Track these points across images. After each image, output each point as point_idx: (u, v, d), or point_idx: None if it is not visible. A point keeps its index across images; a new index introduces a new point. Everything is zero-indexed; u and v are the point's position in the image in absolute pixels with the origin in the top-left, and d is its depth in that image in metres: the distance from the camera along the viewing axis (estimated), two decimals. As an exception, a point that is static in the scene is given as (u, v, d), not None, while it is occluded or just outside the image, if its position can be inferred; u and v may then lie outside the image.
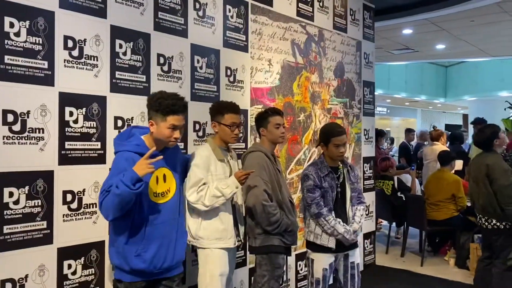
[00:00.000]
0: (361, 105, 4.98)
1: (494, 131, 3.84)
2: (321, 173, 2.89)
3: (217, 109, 2.73)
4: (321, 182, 2.87)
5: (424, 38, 8.52)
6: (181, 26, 3.11)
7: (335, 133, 2.89)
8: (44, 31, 2.41)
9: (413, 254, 5.72)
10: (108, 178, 2.12)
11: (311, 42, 4.27)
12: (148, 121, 2.26)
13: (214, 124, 2.72)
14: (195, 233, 2.63)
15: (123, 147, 2.22)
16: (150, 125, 2.24)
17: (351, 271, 2.98)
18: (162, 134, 2.22)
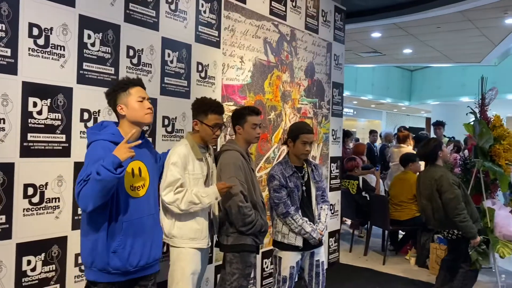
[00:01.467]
0: (330, 105, 5.04)
1: (438, 143, 3.95)
2: (286, 172, 2.94)
3: (201, 107, 2.67)
4: (287, 182, 2.91)
5: (392, 42, 8.72)
6: (152, 19, 3.05)
7: (304, 130, 2.94)
8: (8, 17, 2.31)
9: (375, 253, 5.86)
10: (84, 168, 2.03)
11: (283, 41, 4.29)
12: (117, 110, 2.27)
13: (196, 122, 2.67)
14: (169, 232, 2.59)
15: (98, 136, 2.14)
16: (119, 109, 2.25)
17: (316, 269, 3.03)
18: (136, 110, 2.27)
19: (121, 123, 2.25)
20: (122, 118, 2.24)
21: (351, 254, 5.81)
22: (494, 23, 6.99)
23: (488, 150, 4.47)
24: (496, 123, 4.56)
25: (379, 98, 17.28)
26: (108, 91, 2.28)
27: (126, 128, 2.21)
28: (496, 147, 4.43)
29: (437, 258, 4.97)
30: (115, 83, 2.28)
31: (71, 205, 2.62)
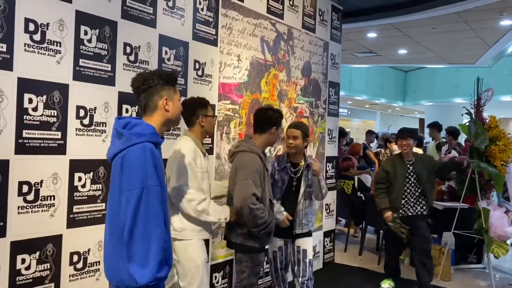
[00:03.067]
0: (326, 105, 5.04)
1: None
2: (278, 166, 3.23)
3: (199, 103, 2.74)
4: (274, 174, 3.19)
5: (387, 43, 8.74)
6: (150, 16, 3.02)
7: (291, 125, 3.25)
8: (4, 12, 2.27)
9: (370, 253, 5.87)
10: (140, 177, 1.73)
11: (280, 40, 4.27)
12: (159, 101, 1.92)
13: (201, 118, 2.70)
14: (178, 225, 2.62)
15: (143, 137, 1.80)
16: (163, 102, 1.92)
17: (297, 255, 3.22)
18: (178, 108, 2.00)
19: (152, 120, 1.91)
20: (156, 114, 1.92)
21: (346, 254, 5.81)
22: (489, 24, 7.02)
23: (483, 151, 4.48)
24: (491, 124, 4.58)
25: (374, 98, 17.34)
26: (155, 76, 1.93)
27: (157, 127, 1.91)
28: (492, 147, 4.45)
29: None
30: (165, 72, 1.98)
31: (66, 203, 2.59)
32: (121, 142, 1.79)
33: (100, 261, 2.78)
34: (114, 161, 1.82)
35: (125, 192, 1.72)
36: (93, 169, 2.71)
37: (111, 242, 1.81)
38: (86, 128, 2.66)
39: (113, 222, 1.80)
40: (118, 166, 1.78)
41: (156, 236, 1.72)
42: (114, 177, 1.83)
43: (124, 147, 1.77)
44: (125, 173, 1.74)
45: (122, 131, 1.80)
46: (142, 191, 1.70)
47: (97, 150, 2.72)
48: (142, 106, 1.93)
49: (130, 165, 1.74)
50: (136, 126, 1.82)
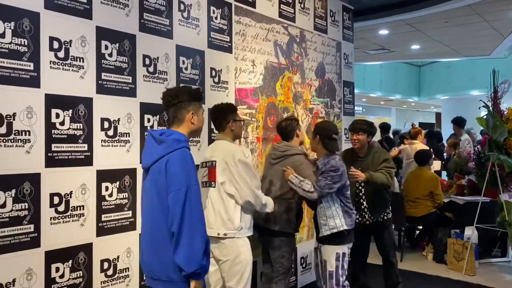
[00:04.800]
0: (342, 104, 5.07)
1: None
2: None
3: (229, 109, 2.98)
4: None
5: (400, 39, 8.72)
6: (166, 27, 3.11)
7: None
8: (30, 32, 2.38)
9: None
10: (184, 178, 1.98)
11: (293, 43, 4.33)
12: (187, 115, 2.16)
13: (231, 123, 2.93)
14: (238, 224, 2.82)
15: (185, 143, 2.10)
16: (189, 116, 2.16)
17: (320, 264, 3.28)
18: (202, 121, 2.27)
19: (181, 131, 2.16)
20: (183, 126, 2.16)
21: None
22: (502, 15, 6.96)
23: (502, 143, 4.46)
24: (510, 116, 4.56)
25: (388, 94, 17.20)
26: (184, 92, 2.18)
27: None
28: (511, 139, 4.42)
29: (454, 253, 4.97)
30: (193, 89, 2.24)
31: (95, 212, 2.68)
32: (163, 148, 2.04)
33: (129, 267, 2.86)
34: (155, 166, 2.04)
35: (172, 191, 1.96)
36: (119, 178, 2.80)
37: (156, 240, 2.04)
38: (111, 139, 2.76)
39: (157, 221, 2.02)
40: (161, 169, 2.00)
41: (200, 228, 1.98)
42: (153, 181, 2.05)
43: (166, 152, 2.02)
44: (170, 175, 1.98)
45: (164, 138, 2.06)
46: (187, 189, 1.95)
47: (122, 159, 2.82)
48: (170, 118, 2.19)
49: (175, 167, 1.99)
50: (172, 135, 2.09)
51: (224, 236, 2.80)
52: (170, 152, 2.01)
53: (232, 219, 2.81)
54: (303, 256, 4.43)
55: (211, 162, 2.86)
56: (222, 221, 2.81)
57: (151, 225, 2.07)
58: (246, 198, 2.82)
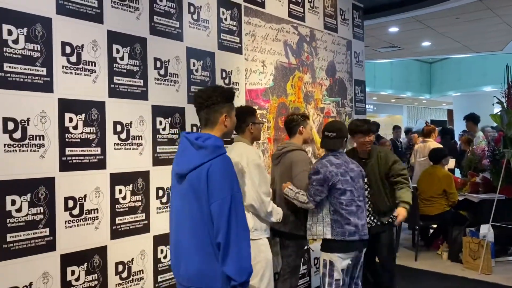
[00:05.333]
0: (353, 103, 5.04)
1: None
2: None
3: (248, 111, 2.99)
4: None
5: (410, 36, 8.64)
6: (177, 30, 3.12)
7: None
8: (42, 38, 2.40)
9: (406, 249, 5.81)
10: (228, 185, 1.92)
11: (303, 43, 4.31)
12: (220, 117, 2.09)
13: (251, 126, 2.94)
14: (252, 226, 2.80)
15: (223, 149, 2.03)
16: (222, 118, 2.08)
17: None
18: (234, 122, 2.22)
19: (212, 133, 2.08)
20: (216, 128, 2.09)
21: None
22: (514, 10, 6.86)
23: (517, 140, 4.40)
24: (525, 112, 4.49)
25: (399, 92, 17.08)
26: (217, 93, 2.08)
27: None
28: (526, 136, 4.35)
29: (470, 252, 4.91)
30: (226, 90, 2.14)
31: (109, 215, 2.70)
32: (203, 155, 1.95)
33: (143, 269, 2.88)
34: (194, 173, 1.95)
35: (216, 200, 1.89)
36: (132, 181, 2.82)
37: (195, 249, 1.96)
38: (124, 142, 2.77)
39: (197, 230, 1.95)
40: (201, 177, 1.92)
41: (246, 236, 1.93)
42: (192, 188, 1.95)
43: (207, 160, 1.94)
44: (213, 183, 1.90)
45: (203, 144, 1.96)
46: (231, 198, 1.89)
47: (135, 162, 2.83)
48: (203, 120, 2.10)
49: (217, 176, 1.91)
50: (209, 139, 2.00)
51: None
52: (211, 159, 1.94)
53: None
54: (316, 257, 4.41)
55: None
56: None
57: (190, 234, 1.98)
58: (250, 202, 2.80)
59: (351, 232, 2.87)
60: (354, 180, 2.95)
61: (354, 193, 2.92)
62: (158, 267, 2.96)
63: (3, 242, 2.23)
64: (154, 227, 2.93)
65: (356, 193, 2.93)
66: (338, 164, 2.95)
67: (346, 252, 2.91)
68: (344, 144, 3.10)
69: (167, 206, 3.00)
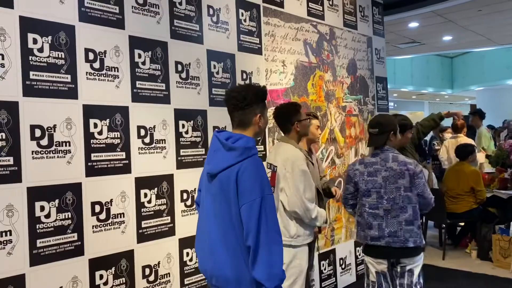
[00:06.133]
0: (375, 101, 4.97)
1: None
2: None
3: (292, 109, 2.89)
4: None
5: (431, 31, 8.48)
6: (197, 33, 3.12)
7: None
8: (66, 45, 2.43)
9: (433, 248, 5.69)
10: (258, 187, 1.86)
11: (323, 41, 4.27)
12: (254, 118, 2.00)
13: (296, 124, 2.85)
14: (295, 232, 2.76)
15: (254, 150, 1.97)
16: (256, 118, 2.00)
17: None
18: (267, 122, 2.13)
19: (245, 134, 2.01)
20: (249, 129, 2.02)
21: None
22: (539, -1, 6.66)
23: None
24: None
25: (420, 88, 16.82)
26: (251, 94, 2.00)
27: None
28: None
29: (500, 250, 4.78)
30: (259, 90, 2.06)
31: (135, 219, 2.71)
32: (234, 156, 1.90)
33: (170, 272, 2.89)
34: (224, 174, 1.91)
35: (246, 203, 1.83)
36: (157, 185, 2.83)
37: (224, 251, 1.91)
38: (148, 146, 2.79)
39: (226, 232, 1.90)
40: (231, 178, 1.87)
41: (277, 240, 1.85)
42: (222, 189, 1.91)
43: (237, 161, 1.89)
44: (243, 185, 1.85)
45: (233, 145, 1.92)
46: (262, 200, 1.83)
47: (159, 166, 2.84)
48: (236, 121, 2.03)
49: (247, 177, 1.86)
50: (240, 140, 1.94)
51: None
52: (241, 160, 1.89)
53: (288, 226, 2.75)
54: (342, 257, 4.36)
55: (273, 166, 2.82)
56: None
57: (218, 235, 1.94)
58: (294, 208, 2.72)
59: (374, 237, 2.69)
60: (386, 181, 2.68)
61: (383, 195, 2.68)
62: (185, 270, 2.97)
63: (34, 247, 2.27)
64: (179, 230, 2.93)
65: (386, 195, 2.67)
66: (369, 163, 2.76)
67: (373, 257, 2.75)
68: (390, 138, 2.77)
69: (191, 209, 3.00)
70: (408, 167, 2.67)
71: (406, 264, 2.69)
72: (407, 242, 2.63)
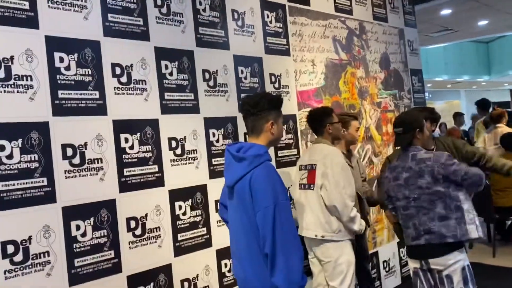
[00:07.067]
0: (411, 94, 4.77)
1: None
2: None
3: (325, 113, 2.98)
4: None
5: (465, 16, 8.12)
6: (222, 39, 3.05)
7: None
8: (92, 61, 2.41)
9: (481, 244, 5.41)
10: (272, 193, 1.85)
11: (353, 36, 4.12)
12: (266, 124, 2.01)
13: (329, 126, 2.94)
14: (335, 227, 2.79)
15: (266, 155, 1.97)
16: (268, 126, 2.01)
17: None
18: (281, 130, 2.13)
19: (259, 141, 2.03)
20: (262, 136, 2.03)
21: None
22: None
23: None
24: None
25: (455, 77, 16.24)
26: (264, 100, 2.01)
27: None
28: None
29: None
30: (274, 97, 2.06)
31: (171, 232, 2.67)
32: (244, 165, 1.93)
33: (208, 285, 2.83)
34: (239, 185, 1.94)
35: (259, 210, 1.85)
36: (191, 196, 2.78)
37: (253, 259, 1.93)
38: (179, 157, 2.74)
39: (251, 242, 1.92)
40: (245, 188, 1.90)
41: (295, 247, 1.84)
42: (240, 200, 1.95)
43: (249, 170, 1.91)
44: (255, 193, 1.87)
45: (243, 155, 1.94)
46: (275, 206, 1.82)
47: (192, 177, 2.79)
48: (249, 127, 2.06)
49: (259, 185, 1.87)
50: (251, 149, 1.96)
51: (321, 238, 2.82)
52: (252, 169, 1.90)
53: (329, 222, 2.81)
54: (385, 260, 4.19)
55: (311, 165, 2.89)
56: (320, 223, 2.82)
57: (244, 245, 1.96)
58: (333, 202, 2.76)
59: (413, 237, 2.56)
60: (408, 181, 2.54)
61: (409, 196, 2.54)
62: (224, 281, 2.91)
63: (72, 267, 2.26)
64: (216, 241, 2.87)
65: (412, 195, 2.53)
66: (394, 168, 2.65)
67: (410, 257, 2.66)
68: (417, 136, 2.60)
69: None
70: (426, 164, 2.47)
71: (441, 269, 2.49)
72: (446, 238, 2.44)
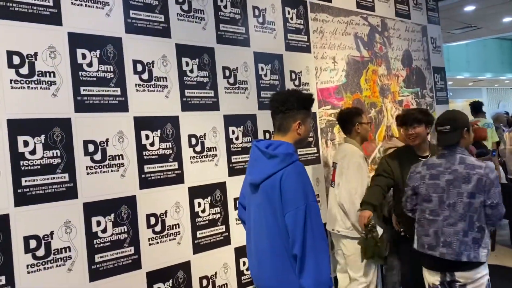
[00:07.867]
0: (433, 93, 4.68)
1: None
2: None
3: (355, 112, 3.03)
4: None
5: (489, 13, 7.93)
6: (243, 36, 3.03)
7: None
8: (114, 58, 2.42)
9: (505, 247, 5.29)
10: (304, 195, 1.80)
11: (375, 33, 4.06)
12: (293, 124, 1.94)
13: (357, 126, 2.99)
14: (348, 224, 2.88)
15: (295, 155, 1.91)
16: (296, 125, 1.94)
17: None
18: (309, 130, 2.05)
19: (285, 139, 1.96)
20: (289, 135, 1.96)
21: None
22: None
23: None
24: None
25: (477, 75, 15.90)
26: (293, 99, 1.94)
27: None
28: None
29: None
30: (304, 96, 1.99)
31: (190, 229, 2.67)
32: (276, 163, 1.86)
33: (227, 283, 2.82)
34: (267, 182, 1.86)
35: (290, 211, 1.79)
36: (210, 194, 2.77)
37: (275, 261, 1.88)
38: (199, 155, 2.73)
39: (274, 241, 1.87)
40: (275, 186, 1.83)
41: (324, 248, 1.81)
42: (266, 198, 1.87)
43: (279, 168, 1.84)
44: (286, 193, 1.81)
45: (274, 153, 1.88)
46: (306, 207, 1.78)
47: (212, 174, 2.78)
48: (276, 125, 2.00)
49: (291, 185, 1.81)
50: (280, 147, 1.90)
51: (337, 233, 2.95)
52: (285, 167, 1.84)
53: (344, 219, 2.90)
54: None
55: (334, 164, 3.05)
56: (337, 219, 2.94)
57: (267, 244, 1.90)
58: (341, 201, 2.88)
59: (430, 246, 2.39)
60: (450, 185, 2.37)
61: (445, 200, 2.37)
62: (242, 279, 2.90)
63: (92, 263, 2.27)
64: (234, 239, 2.86)
65: (448, 200, 2.36)
66: (433, 165, 2.47)
67: (427, 267, 2.47)
68: (464, 136, 2.45)
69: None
70: (476, 171, 2.32)
71: (465, 282, 2.35)
72: (461, 256, 2.30)
